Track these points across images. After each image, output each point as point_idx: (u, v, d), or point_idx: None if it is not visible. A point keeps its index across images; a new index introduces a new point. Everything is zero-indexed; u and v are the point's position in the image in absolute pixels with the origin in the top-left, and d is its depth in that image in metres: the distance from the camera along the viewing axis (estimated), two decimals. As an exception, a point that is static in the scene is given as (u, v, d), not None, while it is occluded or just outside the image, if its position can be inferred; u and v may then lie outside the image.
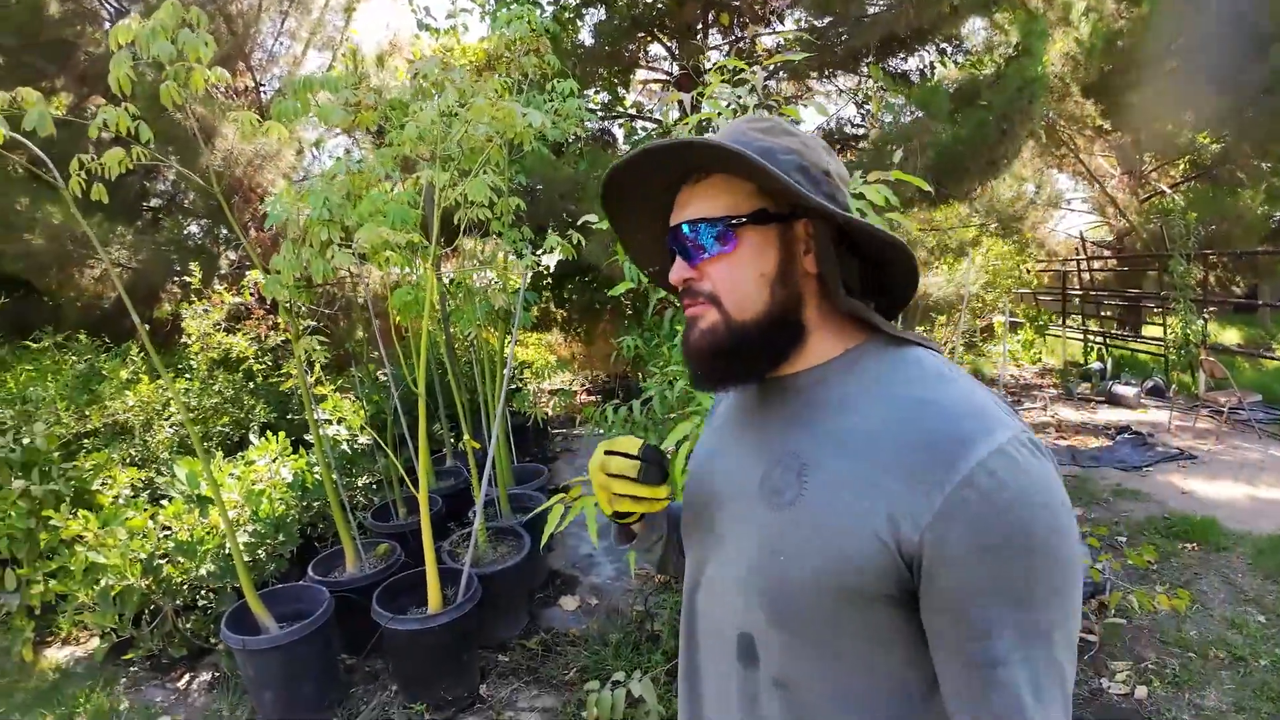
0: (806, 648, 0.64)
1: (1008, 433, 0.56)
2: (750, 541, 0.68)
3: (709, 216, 0.66)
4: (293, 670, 2.53)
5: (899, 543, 0.57)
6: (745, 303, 0.66)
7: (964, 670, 0.56)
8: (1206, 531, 3.48)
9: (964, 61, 5.49)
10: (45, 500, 3.05)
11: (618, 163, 0.68)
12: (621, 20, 5.55)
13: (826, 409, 0.66)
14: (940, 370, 0.63)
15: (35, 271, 4.55)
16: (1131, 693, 2.42)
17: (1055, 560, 0.54)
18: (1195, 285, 5.61)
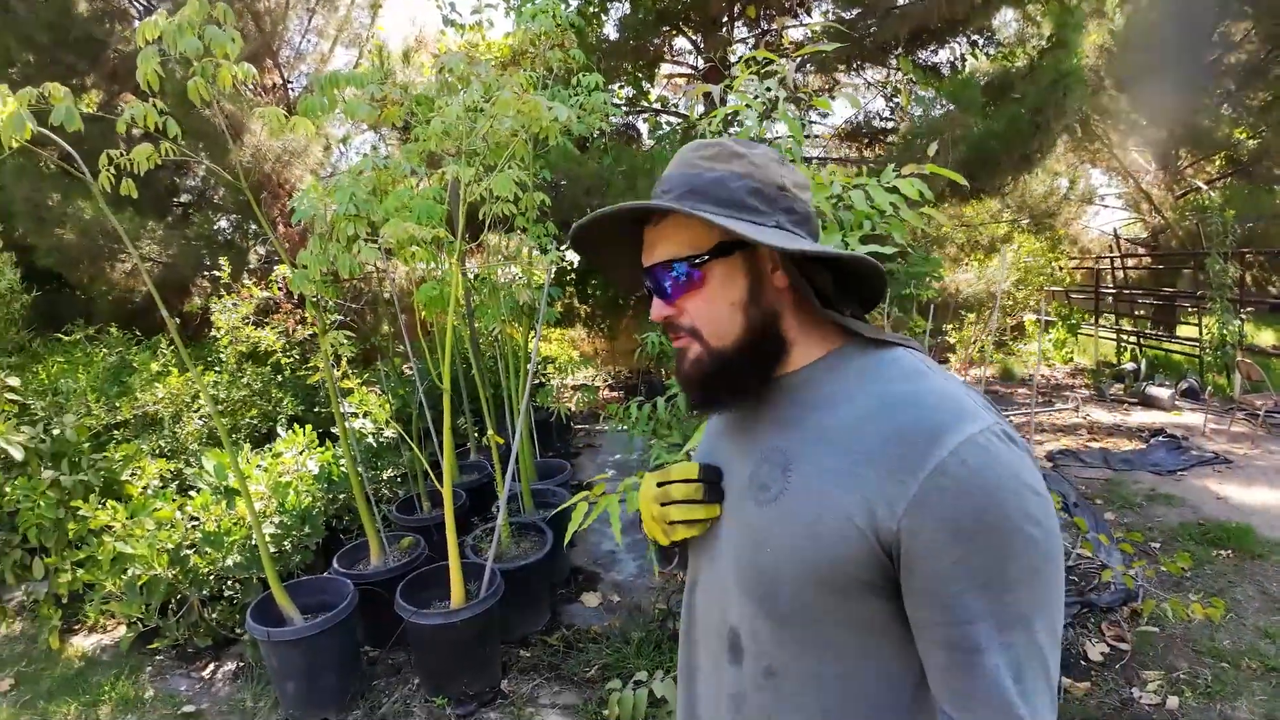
0: (795, 638, 0.66)
1: (979, 424, 0.58)
2: (739, 537, 0.70)
3: (675, 257, 0.69)
4: (316, 661, 2.57)
5: (877, 532, 0.59)
6: (722, 331, 0.69)
7: (945, 657, 0.58)
8: (1242, 538, 3.41)
9: (996, 54, 5.39)
10: (74, 490, 3.13)
11: (578, 223, 0.72)
12: (646, 14, 5.54)
13: (809, 408, 0.68)
14: (917, 367, 0.65)
15: (67, 266, 4.68)
16: (1163, 703, 2.39)
17: (1030, 545, 0.55)
18: (1232, 284, 5.46)
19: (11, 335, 4.73)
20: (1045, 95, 4.05)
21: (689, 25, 6.13)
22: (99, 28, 4.85)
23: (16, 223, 4.57)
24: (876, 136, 5.84)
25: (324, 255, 2.72)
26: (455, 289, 2.57)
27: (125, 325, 4.91)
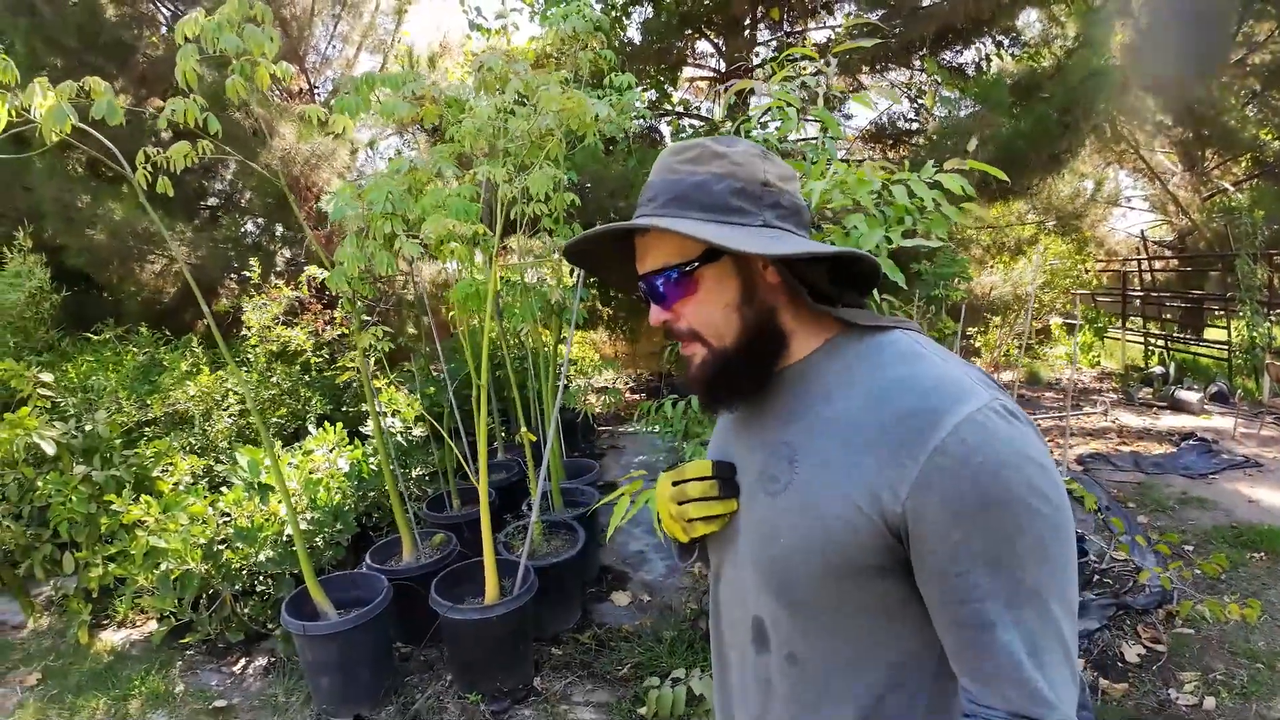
0: (814, 624, 0.68)
1: (978, 401, 0.59)
2: (753, 530, 0.72)
3: (665, 265, 0.71)
4: (351, 656, 2.61)
5: (884, 516, 0.60)
6: (720, 331, 0.71)
7: (960, 635, 0.59)
8: (1275, 541, 3.41)
9: (1021, 54, 5.42)
10: (106, 486, 3.20)
11: (567, 243, 0.76)
12: (670, 17, 5.61)
13: (811, 398, 0.70)
14: (913, 349, 0.67)
15: (97, 266, 4.80)
16: (1200, 703, 2.40)
17: (1036, 519, 0.56)
18: (1261, 286, 5.44)
19: (41, 334, 4.87)
20: (1073, 95, 4.08)
21: (711, 28, 6.21)
22: (127, 32, 4.98)
23: (47, 223, 4.70)
24: (901, 138, 5.88)
25: (361, 253, 2.79)
26: (492, 286, 2.63)
27: (154, 325, 5.04)
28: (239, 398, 4.38)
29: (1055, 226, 6.77)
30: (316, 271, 4.59)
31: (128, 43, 4.83)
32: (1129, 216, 8.10)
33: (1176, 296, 7.10)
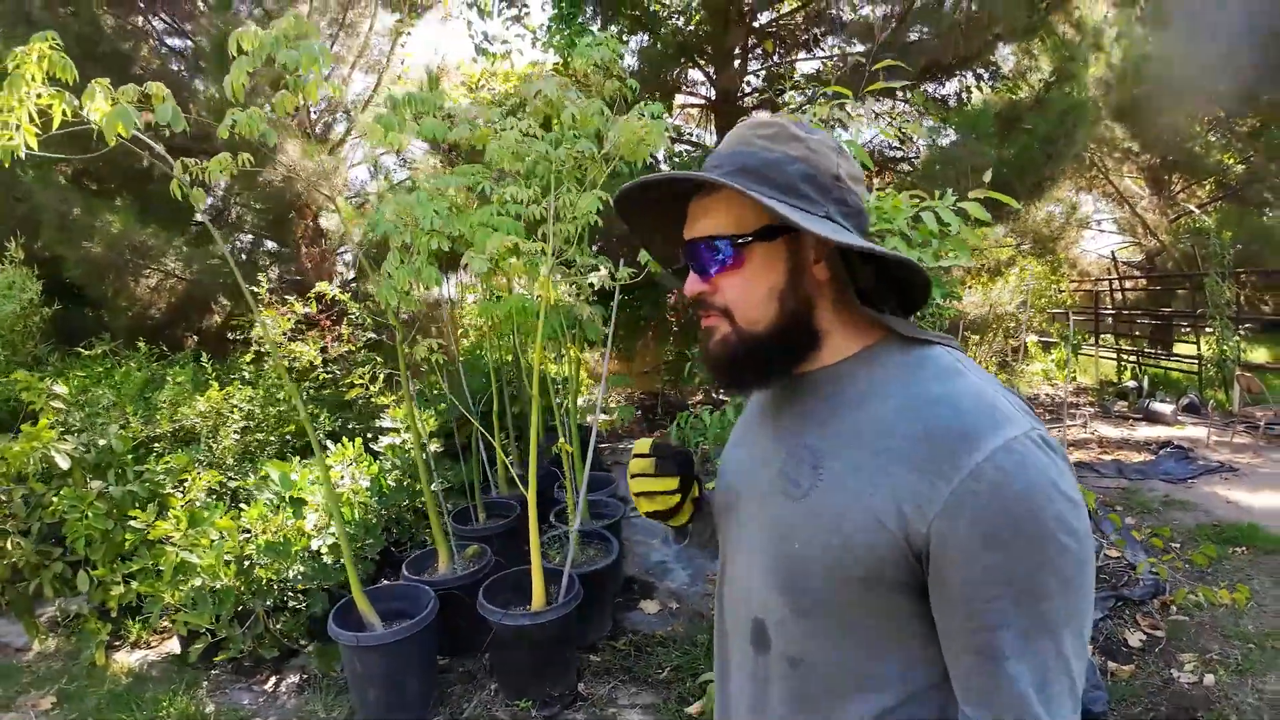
0: (819, 630, 0.68)
1: (1016, 429, 0.59)
2: (768, 531, 0.72)
3: (717, 234, 0.70)
4: (400, 667, 2.67)
5: (907, 533, 0.60)
6: (755, 314, 0.70)
7: (970, 662, 0.59)
8: (1254, 537, 3.81)
9: (999, 87, 5.91)
10: (123, 501, 3.20)
11: (627, 185, 0.74)
12: (666, 46, 5.94)
13: (842, 405, 0.70)
14: (954, 366, 0.66)
15: (93, 279, 4.80)
16: (1200, 680, 2.70)
17: (1062, 554, 0.56)
18: (1230, 303, 5.98)
19: (29, 348, 4.82)
20: (1055, 126, 4.52)
21: (703, 58, 6.56)
22: (125, 43, 5.06)
23: (42, 234, 4.70)
24: (886, 165, 6.30)
25: (410, 268, 2.95)
26: (546, 298, 2.82)
27: (147, 341, 5.04)
28: (244, 414, 4.44)
29: (1032, 249, 7.33)
30: (326, 287, 4.73)
31: (125, 53, 4.91)
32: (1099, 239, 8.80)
33: (1147, 314, 7.73)
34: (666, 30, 6.04)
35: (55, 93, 2.18)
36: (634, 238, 0.85)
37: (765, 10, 6.31)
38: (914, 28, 5.32)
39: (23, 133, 2.16)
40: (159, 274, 5.07)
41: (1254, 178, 7.25)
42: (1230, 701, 2.55)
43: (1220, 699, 2.58)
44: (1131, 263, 8.49)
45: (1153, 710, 2.56)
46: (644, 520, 4.70)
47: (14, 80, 2.07)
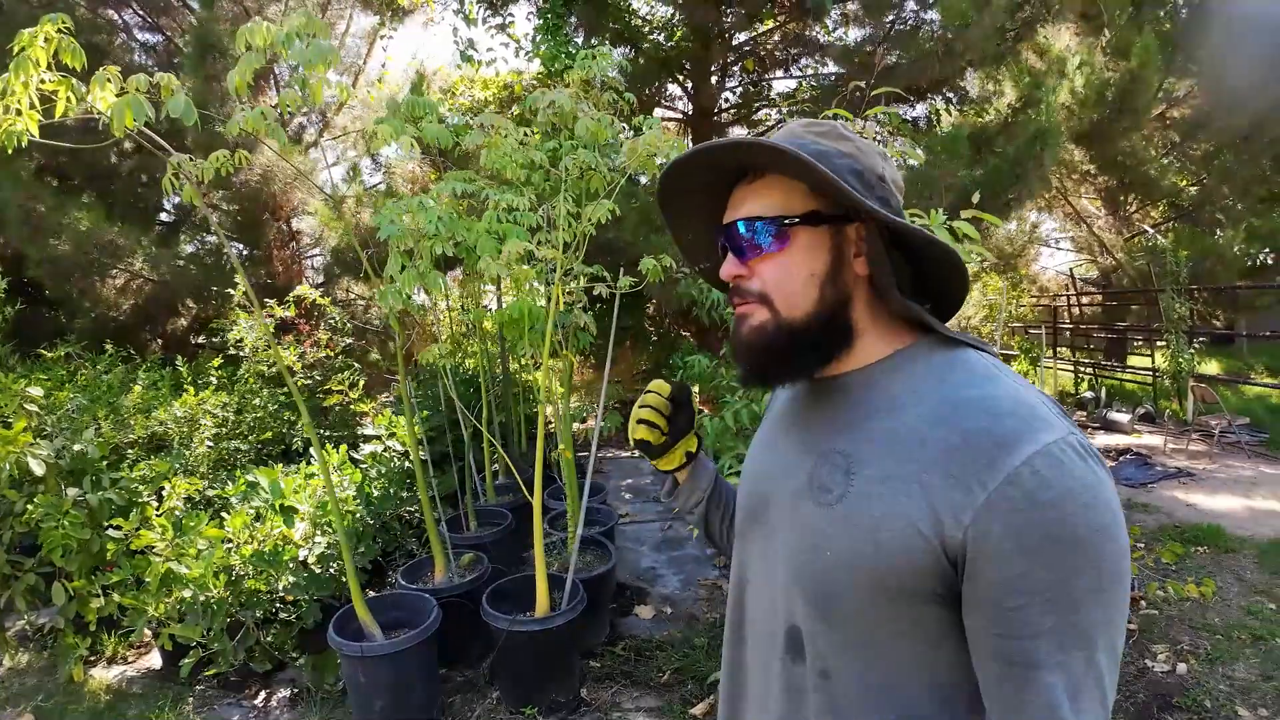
0: (850, 642, 0.67)
1: (1054, 433, 0.58)
2: (797, 537, 0.71)
3: (762, 215, 0.70)
4: (406, 677, 2.65)
5: (943, 540, 0.59)
6: (794, 300, 0.70)
7: (1001, 671, 0.58)
8: (1215, 537, 4.08)
9: (965, 110, 6.23)
10: (101, 510, 3.10)
11: (677, 157, 0.72)
12: (649, 61, 6.07)
13: (874, 409, 0.69)
14: (989, 370, 0.66)
15: (58, 278, 4.62)
16: (1173, 669, 2.89)
17: (1099, 562, 0.56)
18: (1184, 318, 6.40)
19: (-4, 350, 4.59)
20: (1024, 150, 4.80)
21: (683, 73, 6.72)
22: (96, 36, 4.92)
23: (7, 230, 4.49)
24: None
25: (416, 274, 2.95)
26: (555, 306, 2.86)
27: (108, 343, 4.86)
28: (217, 420, 4.31)
29: (995, 265, 7.70)
30: (307, 290, 4.66)
31: (98, 46, 4.77)
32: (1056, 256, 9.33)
33: (1103, 328, 8.19)
34: (649, 45, 6.17)
35: (61, 79, 2.12)
36: (668, 225, 0.84)
37: (744, 30, 6.51)
38: (892, 53, 5.57)
39: (25, 119, 2.11)
40: (125, 274, 4.90)
41: (1206, 199, 7.80)
42: (1203, 688, 2.73)
43: (1193, 686, 2.76)
44: (1088, 279, 9.03)
45: (1131, 698, 2.72)
46: (633, 528, 4.74)
47: (20, 63, 2.01)
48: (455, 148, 3.18)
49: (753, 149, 0.69)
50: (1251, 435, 6.18)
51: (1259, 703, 2.63)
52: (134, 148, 5.04)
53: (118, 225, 4.56)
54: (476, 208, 3.39)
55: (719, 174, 0.75)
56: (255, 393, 4.56)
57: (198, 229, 5.94)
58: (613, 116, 3.10)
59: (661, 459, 0.96)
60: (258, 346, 4.38)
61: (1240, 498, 4.84)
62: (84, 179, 4.88)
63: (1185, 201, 7.98)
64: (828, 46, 6.38)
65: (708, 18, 5.95)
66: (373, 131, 2.95)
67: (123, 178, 4.83)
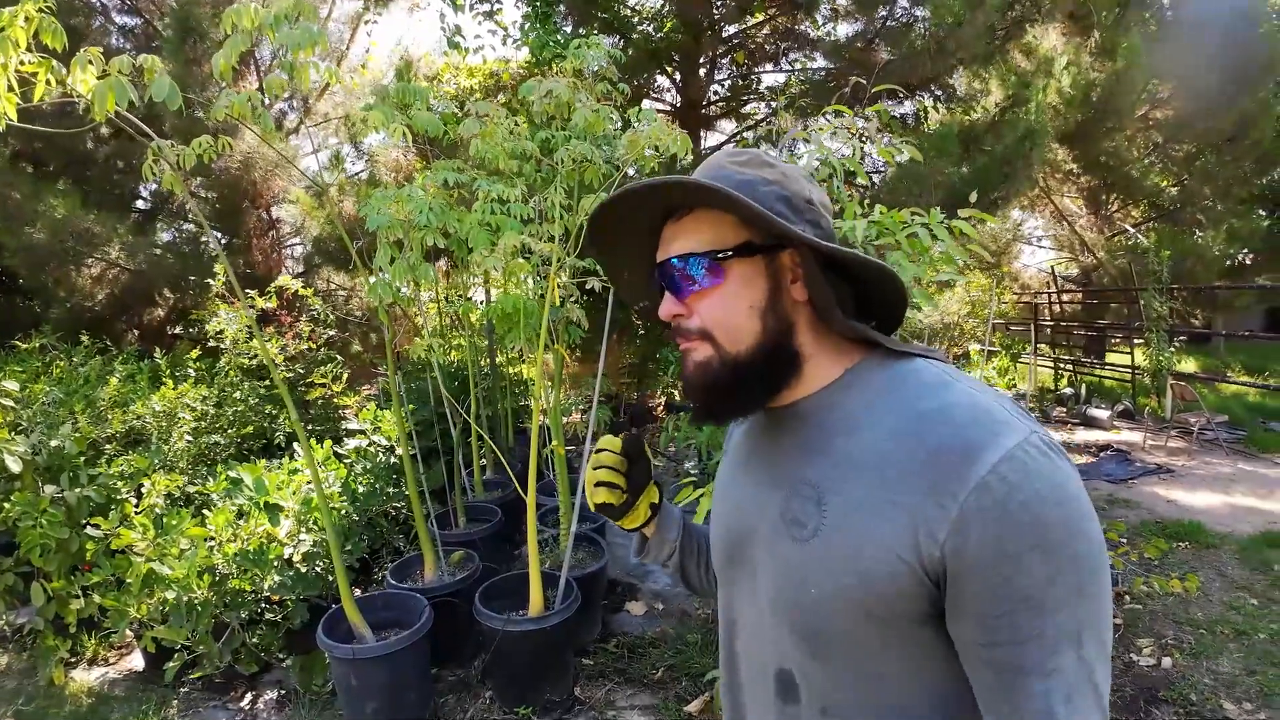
0: (847, 675, 0.66)
1: (1016, 436, 0.58)
2: (779, 577, 0.70)
3: (694, 251, 0.69)
4: (399, 679, 2.60)
5: (921, 560, 0.59)
6: (737, 335, 0.69)
7: (993, 678, 0.59)
8: (1195, 533, 4.16)
9: (954, 108, 6.26)
10: (79, 508, 3.03)
11: (601, 202, 0.71)
12: (639, 52, 6.02)
13: (834, 433, 0.68)
14: (941, 379, 0.65)
15: (33, 267, 4.48)
16: (1159, 663, 2.94)
17: (1076, 560, 0.56)
18: (1164, 317, 6.53)
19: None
20: (1013, 148, 4.84)
21: (671, 65, 6.68)
22: (73, 19, 4.76)
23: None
24: (847, 179, 6.56)
25: (406, 267, 2.89)
26: (551, 298, 2.82)
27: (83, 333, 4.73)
28: (196, 414, 4.21)
29: (977, 263, 7.78)
30: (289, 281, 4.56)
31: (75, 29, 4.61)
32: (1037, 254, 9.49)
33: (1083, 326, 8.34)
34: (638, 36, 6.11)
35: (42, 60, 2.04)
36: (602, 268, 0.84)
37: (734, 22, 6.48)
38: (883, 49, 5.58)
39: (3, 101, 2.02)
40: (101, 263, 4.76)
41: (1187, 200, 7.96)
42: (1188, 682, 2.79)
43: (1178, 679, 2.81)
44: (1068, 277, 9.20)
45: (1118, 692, 2.76)
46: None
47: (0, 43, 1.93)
48: (444, 136, 3.12)
49: (675, 188, 0.67)
50: (1229, 433, 6.33)
51: (1243, 696, 2.69)
52: (111, 134, 4.90)
53: (94, 213, 4.43)
54: (466, 198, 3.34)
55: (647, 214, 0.73)
56: (236, 386, 4.45)
57: (175, 217, 5.79)
58: (610, 108, 3.06)
59: (625, 518, 0.91)
60: (238, 338, 4.27)
61: (1220, 494, 4.95)
62: (60, 165, 4.74)
63: (1166, 202, 8.17)
64: (817, 41, 6.38)
65: (698, 9, 5.92)
66: (362, 118, 2.88)
67: (99, 164, 4.68)
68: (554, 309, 3.78)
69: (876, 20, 5.78)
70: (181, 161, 2.35)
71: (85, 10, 4.94)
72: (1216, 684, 2.78)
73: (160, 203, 5.67)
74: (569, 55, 3.53)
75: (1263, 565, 3.76)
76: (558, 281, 3.92)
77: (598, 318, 6.31)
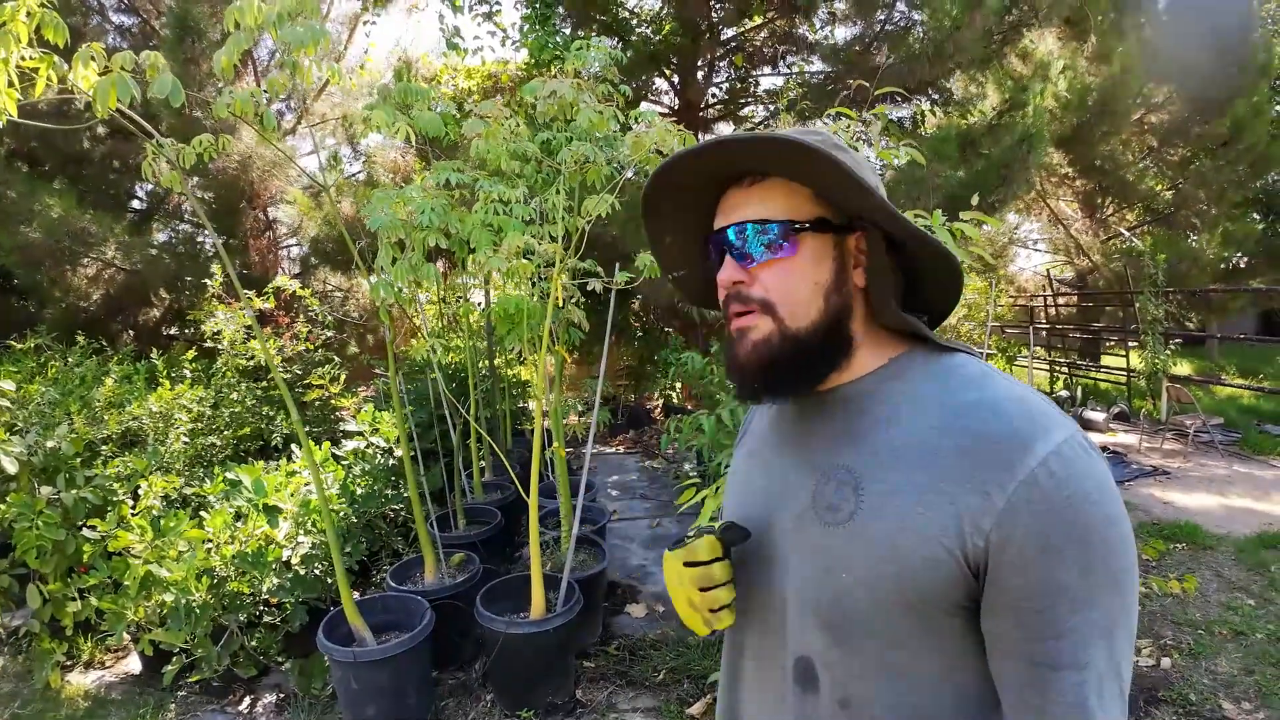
0: (870, 666, 0.65)
1: (1063, 433, 0.59)
2: (807, 562, 0.68)
3: (770, 218, 0.67)
4: (400, 682, 2.58)
5: (964, 549, 0.59)
6: (800, 310, 0.67)
7: (1025, 672, 0.58)
8: (1192, 534, 4.18)
9: (951, 112, 6.29)
10: (76, 509, 3.01)
11: (685, 150, 0.68)
12: (638, 55, 6.02)
13: (874, 421, 0.67)
14: (985, 373, 0.65)
15: (28, 266, 4.45)
16: (1157, 664, 2.95)
17: (1114, 557, 0.57)
18: (1160, 320, 6.57)
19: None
20: (1011, 151, 4.86)
21: (670, 68, 6.69)
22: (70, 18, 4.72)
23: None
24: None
25: (410, 266, 2.88)
26: (555, 299, 2.82)
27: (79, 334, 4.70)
28: (193, 415, 4.19)
29: (976, 266, 7.83)
30: (287, 281, 4.54)
31: (75, 29, 4.58)
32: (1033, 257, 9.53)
33: (1079, 329, 8.39)
34: (637, 38, 6.12)
35: (43, 55, 2.02)
36: (647, 226, 0.78)
37: (732, 25, 6.49)
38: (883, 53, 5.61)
39: (4, 97, 2.00)
40: (97, 263, 4.73)
41: (1182, 204, 8.03)
42: (1187, 682, 2.80)
43: (1178, 680, 2.82)
44: (1064, 280, 9.26)
45: (1119, 693, 2.77)
46: (621, 525, 4.72)
47: (1, 37, 1.91)
48: (444, 137, 3.12)
49: (782, 146, 0.64)
50: (1225, 435, 6.37)
51: (1242, 696, 2.70)
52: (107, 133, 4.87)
53: (90, 212, 4.40)
54: (467, 199, 3.33)
55: (711, 177, 0.71)
56: (233, 387, 4.43)
57: (171, 217, 5.76)
58: (614, 109, 3.06)
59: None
60: (235, 339, 4.25)
61: (1216, 496, 4.98)
62: (56, 164, 4.71)
63: (1161, 205, 8.23)
64: (815, 45, 6.40)
65: (697, 12, 5.93)
66: (364, 118, 2.87)
67: (95, 163, 4.65)
68: (556, 310, 3.79)
69: (874, 24, 5.81)
70: (181, 160, 2.34)
71: (82, 9, 4.92)
72: (1215, 684, 2.79)
73: (156, 203, 5.64)
74: (569, 57, 3.54)
75: (1259, 566, 3.78)
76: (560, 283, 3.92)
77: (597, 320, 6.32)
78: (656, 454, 6.17)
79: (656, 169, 0.71)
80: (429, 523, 3.20)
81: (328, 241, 5.56)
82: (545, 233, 3.26)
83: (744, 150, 0.67)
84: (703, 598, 0.73)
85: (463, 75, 6.61)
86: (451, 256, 3.51)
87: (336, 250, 5.60)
